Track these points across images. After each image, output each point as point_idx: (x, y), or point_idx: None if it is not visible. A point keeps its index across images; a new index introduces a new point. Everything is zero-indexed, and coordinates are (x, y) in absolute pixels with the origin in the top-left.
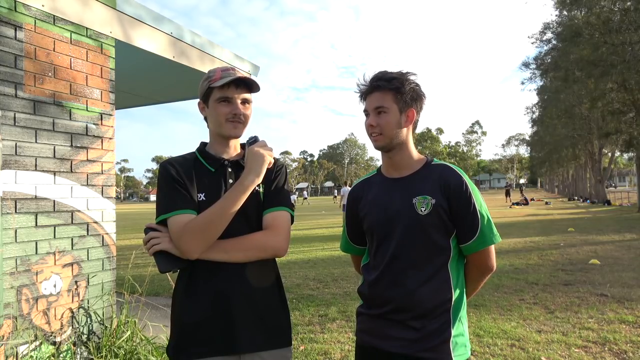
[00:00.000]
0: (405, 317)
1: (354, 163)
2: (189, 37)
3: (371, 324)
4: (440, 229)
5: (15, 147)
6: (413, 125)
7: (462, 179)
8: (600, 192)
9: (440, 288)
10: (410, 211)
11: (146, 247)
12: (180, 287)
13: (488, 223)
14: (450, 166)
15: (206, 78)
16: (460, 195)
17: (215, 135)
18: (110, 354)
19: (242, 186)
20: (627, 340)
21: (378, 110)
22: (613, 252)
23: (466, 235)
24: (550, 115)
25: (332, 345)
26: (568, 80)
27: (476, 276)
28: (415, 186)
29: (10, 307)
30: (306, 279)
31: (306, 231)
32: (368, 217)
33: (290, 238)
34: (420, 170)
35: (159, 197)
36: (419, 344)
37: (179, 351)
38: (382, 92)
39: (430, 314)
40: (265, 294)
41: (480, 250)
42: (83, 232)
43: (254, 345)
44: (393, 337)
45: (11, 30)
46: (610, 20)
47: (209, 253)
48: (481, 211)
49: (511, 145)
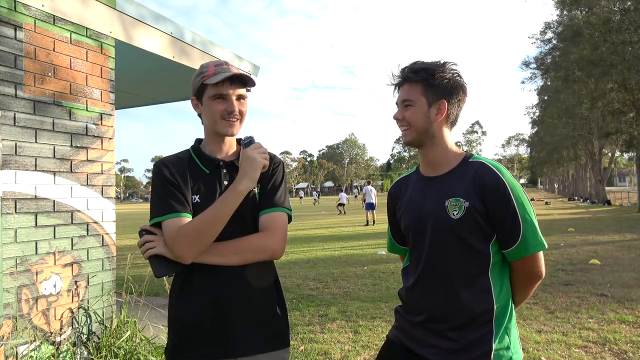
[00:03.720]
0: (442, 327)
1: (354, 163)
2: (189, 37)
3: (408, 328)
4: (477, 233)
5: (15, 147)
6: (448, 118)
7: (499, 177)
8: (601, 192)
9: (480, 297)
10: (442, 215)
11: (141, 251)
12: (176, 289)
13: (532, 228)
14: (487, 163)
15: (199, 74)
16: (497, 196)
17: (210, 132)
18: (110, 354)
19: (236, 191)
20: (627, 341)
21: (405, 104)
22: (613, 252)
23: (507, 241)
24: (551, 115)
25: (332, 345)
26: (568, 80)
27: (522, 284)
28: (449, 187)
29: (10, 307)
30: (306, 279)
31: (306, 231)
32: (403, 219)
33: (287, 239)
34: (457, 168)
35: (153, 199)
36: (455, 355)
37: (175, 354)
38: (411, 84)
39: (469, 325)
40: (262, 296)
41: (525, 257)
42: (83, 232)
43: (250, 349)
44: (430, 345)
45: (11, 30)
46: (611, 20)
47: (204, 257)
48: (524, 215)
49: (511, 145)
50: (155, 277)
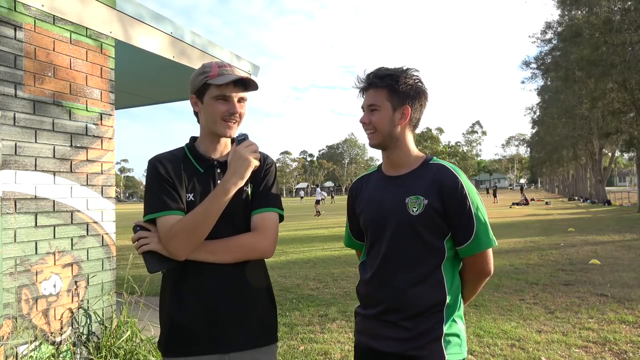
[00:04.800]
0: (397, 317)
1: (354, 163)
2: (189, 37)
3: (366, 325)
4: (433, 230)
5: (15, 147)
6: (410, 122)
7: (457, 179)
8: (601, 192)
9: (433, 289)
10: (402, 211)
11: (135, 246)
12: (167, 286)
13: (484, 226)
14: (446, 166)
15: (201, 72)
16: (455, 196)
17: (206, 131)
18: (110, 354)
19: (224, 189)
20: (628, 341)
21: (371, 108)
22: (613, 252)
23: (461, 238)
24: (551, 115)
25: (332, 345)
26: (568, 80)
27: (472, 280)
28: (410, 185)
29: (10, 307)
30: (306, 279)
31: (306, 231)
32: (363, 215)
33: (277, 239)
34: (417, 169)
35: (147, 195)
36: (410, 342)
37: (166, 348)
38: (376, 89)
39: (422, 315)
40: (252, 293)
41: (476, 253)
42: (83, 232)
43: (240, 344)
44: (386, 337)
45: (11, 30)
46: (611, 20)
47: (196, 254)
48: (477, 213)
49: (511, 145)
50: (149, 272)
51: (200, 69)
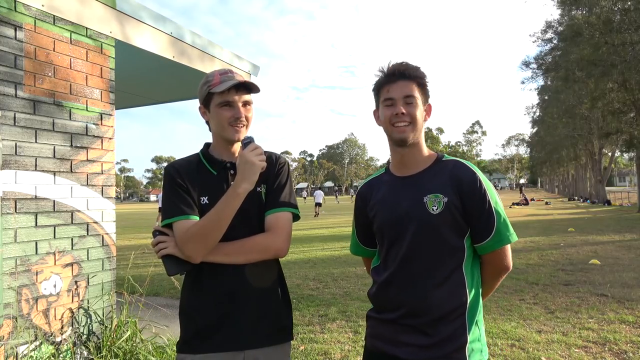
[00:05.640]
0: (419, 322)
1: (354, 163)
2: (189, 37)
3: (382, 329)
4: (454, 228)
5: (15, 147)
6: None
7: (475, 175)
8: (601, 192)
9: (455, 291)
10: (422, 211)
11: (154, 250)
12: (187, 285)
13: (504, 221)
14: (462, 162)
15: (205, 83)
16: (474, 192)
17: (218, 138)
18: (110, 354)
19: (234, 193)
20: (627, 341)
21: (408, 100)
22: (613, 252)
23: (481, 235)
24: (551, 115)
25: (332, 345)
26: (568, 80)
27: (492, 276)
28: (426, 184)
29: (10, 307)
30: (306, 279)
31: (306, 231)
32: (377, 218)
33: (291, 238)
34: (431, 167)
35: (164, 202)
36: (431, 350)
37: (184, 346)
38: (407, 81)
39: (444, 319)
40: (267, 292)
41: (497, 249)
42: (83, 232)
43: (256, 342)
44: (404, 343)
45: (11, 30)
46: (611, 20)
47: (212, 256)
48: (497, 209)
49: (511, 145)
50: (168, 275)
51: (204, 79)
